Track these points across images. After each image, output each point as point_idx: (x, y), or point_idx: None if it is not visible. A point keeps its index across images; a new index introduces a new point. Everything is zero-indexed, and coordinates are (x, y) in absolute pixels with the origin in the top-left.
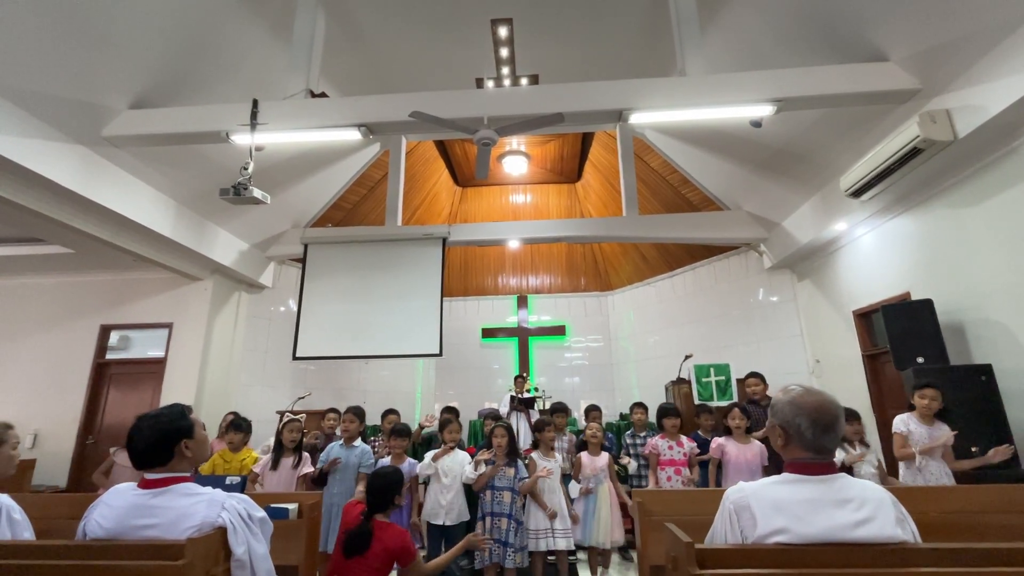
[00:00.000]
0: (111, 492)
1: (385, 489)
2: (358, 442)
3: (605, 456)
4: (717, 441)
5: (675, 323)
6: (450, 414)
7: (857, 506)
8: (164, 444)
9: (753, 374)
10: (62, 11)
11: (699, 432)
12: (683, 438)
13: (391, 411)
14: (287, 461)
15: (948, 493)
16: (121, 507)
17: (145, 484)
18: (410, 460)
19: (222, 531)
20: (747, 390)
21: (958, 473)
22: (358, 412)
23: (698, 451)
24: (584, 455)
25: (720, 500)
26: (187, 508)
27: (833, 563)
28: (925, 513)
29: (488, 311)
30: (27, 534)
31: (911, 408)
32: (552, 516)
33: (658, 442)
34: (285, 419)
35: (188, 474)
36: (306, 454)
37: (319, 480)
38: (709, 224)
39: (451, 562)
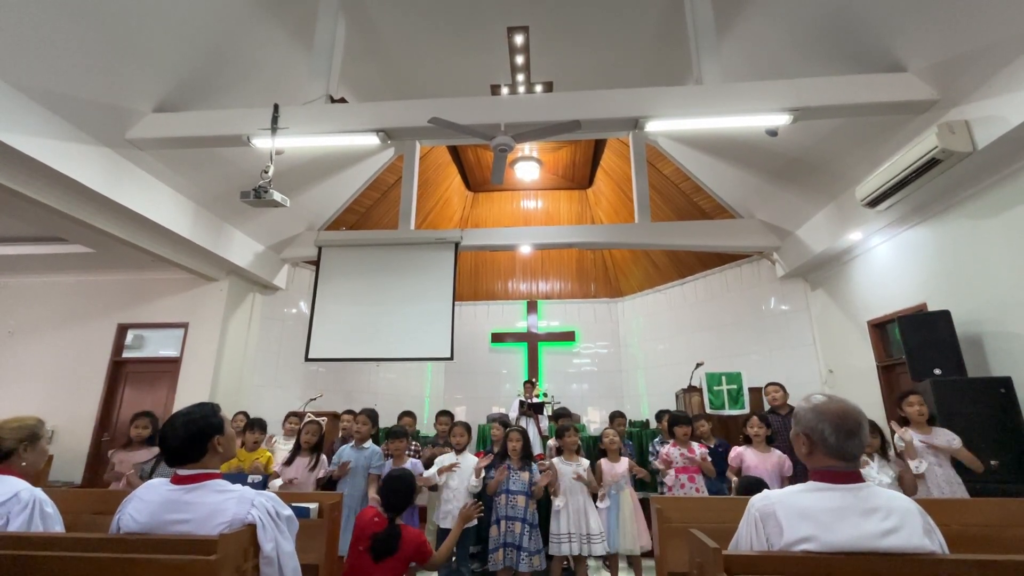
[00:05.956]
0: (145, 487)
1: (403, 491)
2: (369, 443)
3: (625, 462)
4: (736, 450)
5: (685, 331)
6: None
7: (884, 515)
8: (197, 441)
9: (773, 383)
10: (91, 16)
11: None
12: (695, 444)
13: (407, 413)
14: (303, 461)
15: (969, 506)
16: (155, 502)
17: (178, 480)
18: (412, 460)
19: (252, 528)
20: (766, 398)
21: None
22: (371, 415)
23: (708, 456)
24: (603, 462)
25: (739, 508)
26: (219, 504)
27: (861, 572)
28: (947, 526)
29: (498, 316)
30: (58, 527)
31: (905, 422)
32: (594, 493)
33: (671, 450)
34: (306, 419)
35: (218, 471)
36: (323, 457)
37: (327, 485)
38: (721, 232)
39: (455, 547)
